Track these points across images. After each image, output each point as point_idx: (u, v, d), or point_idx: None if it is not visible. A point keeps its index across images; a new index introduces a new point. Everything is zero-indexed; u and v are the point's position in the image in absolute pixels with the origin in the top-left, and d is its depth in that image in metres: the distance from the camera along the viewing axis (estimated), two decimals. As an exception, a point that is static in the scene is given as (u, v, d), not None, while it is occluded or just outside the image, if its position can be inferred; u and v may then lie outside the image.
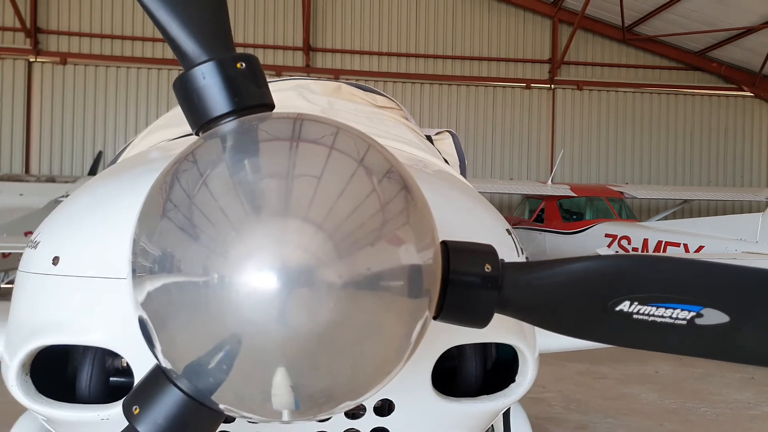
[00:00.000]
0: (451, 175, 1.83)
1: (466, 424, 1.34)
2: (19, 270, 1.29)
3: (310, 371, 0.80)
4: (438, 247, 0.89)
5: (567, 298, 0.99)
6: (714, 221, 9.56)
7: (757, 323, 1.00)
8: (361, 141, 0.89)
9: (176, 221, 0.79)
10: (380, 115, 2.60)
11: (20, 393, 1.18)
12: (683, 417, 6.04)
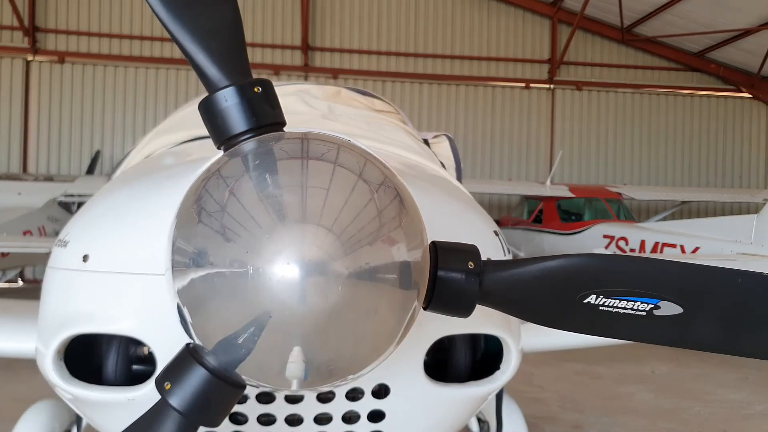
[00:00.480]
0: (443, 180, 1.90)
1: (456, 408, 1.50)
2: (49, 267, 1.42)
3: (320, 345, 0.95)
4: (426, 247, 1.04)
5: (541, 292, 1.11)
6: (710, 222, 9.57)
7: (707, 314, 1.14)
8: (360, 156, 1.04)
9: (213, 226, 0.95)
10: (378, 120, 2.65)
11: (56, 376, 1.36)
12: (677, 416, 6.07)
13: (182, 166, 1.41)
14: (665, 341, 1.16)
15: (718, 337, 1.17)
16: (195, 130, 2.41)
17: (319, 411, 1.37)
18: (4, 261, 10.06)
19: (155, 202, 1.32)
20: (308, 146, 1.02)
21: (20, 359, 5.59)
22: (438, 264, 1.06)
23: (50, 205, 11.43)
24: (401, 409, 1.39)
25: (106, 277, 1.31)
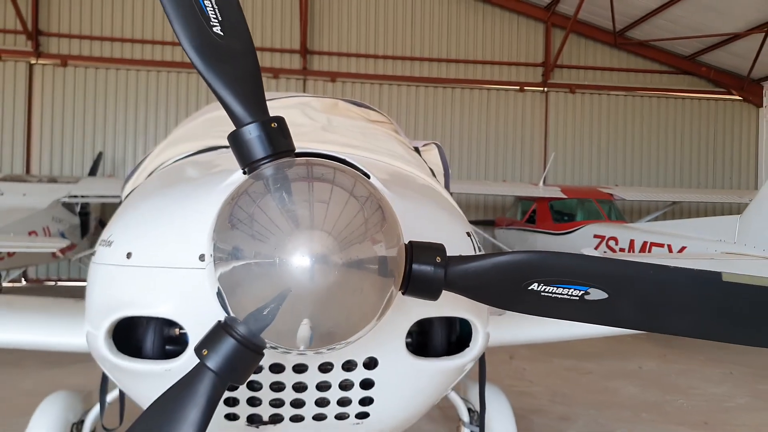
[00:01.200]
0: (426, 187, 2.15)
1: (433, 379, 1.75)
2: (94, 263, 1.64)
3: (322, 315, 1.25)
4: (402, 246, 1.34)
5: (494, 280, 1.38)
6: (696, 223, 9.75)
7: (627, 299, 1.39)
8: (351, 176, 1.34)
9: (246, 231, 1.25)
10: (373, 130, 2.90)
11: (108, 352, 1.60)
12: (660, 408, 6.30)
13: (209, 176, 1.68)
14: (594, 321, 1.42)
15: (636, 317, 1.44)
16: (207, 140, 2.67)
17: (320, 379, 1.63)
18: (10, 260, 10.17)
19: (188, 208, 1.59)
20: (312, 170, 1.32)
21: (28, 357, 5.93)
22: (413, 258, 1.35)
23: (54, 206, 11.49)
24: (387, 379, 1.66)
25: (146, 271, 1.57)
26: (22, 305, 3.85)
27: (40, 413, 3.85)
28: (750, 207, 8.28)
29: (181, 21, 1.42)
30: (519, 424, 5.40)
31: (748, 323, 1.45)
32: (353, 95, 16.64)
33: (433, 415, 5.67)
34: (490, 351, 7.14)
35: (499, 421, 4.28)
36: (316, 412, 1.66)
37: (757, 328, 1.47)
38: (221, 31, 1.41)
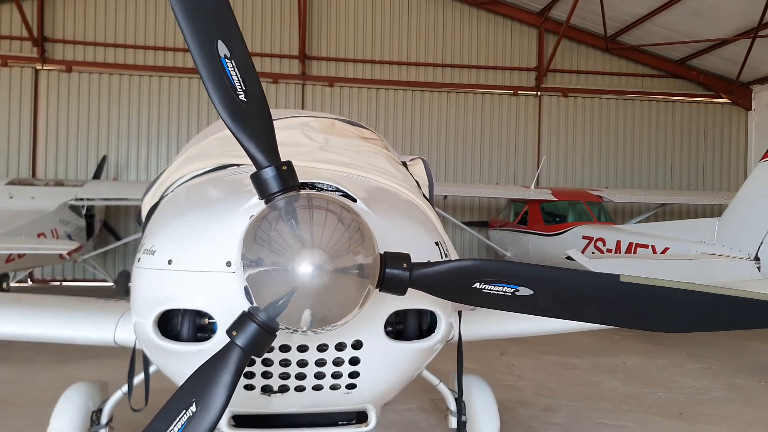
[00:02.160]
0: (406, 202, 2.54)
1: (406, 357, 2.16)
2: (140, 267, 2.02)
3: (319, 304, 1.67)
4: (377, 256, 1.76)
5: (448, 280, 1.80)
6: (678, 225, 10.11)
7: (548, 294, 1.82)
8: (340, 206, 1.76)
9: (267, 246, 1.67)
10: (365, 149, 3.28)
11: (155, 337, 1.99)
12: (639, 400, 6.64)
13: (231, 198, 2.07)
14: (523, 311, 1.84)
15: (555, 308, 1.88)
16: (219, 159, 3.05)
17: (317, 357, 2.04)
18: (20, 261, 10.42)
19: (216, 225, 1.99)
20: (311, 201, 1.74)
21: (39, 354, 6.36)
22: (385, 265, 1.78)
23: (62, 209, 11.80)
24: (370, 357, 2.07)
25: (184, 274, 1.97)
26: (48, 303, 4.24)
27: (63, 402, 4.24)
28: (727, 210, 8.67)
29: (216, 92, 1.79)
30: (505, 414, 5.81)
31: (640, 313, 1.86)
32: (350, 99, 17.03)
33: (425, 407, 6.05)
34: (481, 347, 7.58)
35: (483, 408, 4.66)
36: (314, 384, 2.06)
37: (647, 316, 1.87)
38: (245, 98, 1.80)
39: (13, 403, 6.03)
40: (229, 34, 1.81)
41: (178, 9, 1.76)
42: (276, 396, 2.05)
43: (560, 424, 5.77)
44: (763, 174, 8.12)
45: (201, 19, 1.78)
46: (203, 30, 1.77)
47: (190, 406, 1.67)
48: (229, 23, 1.83)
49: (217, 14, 1.82)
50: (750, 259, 8.05)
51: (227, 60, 1.78)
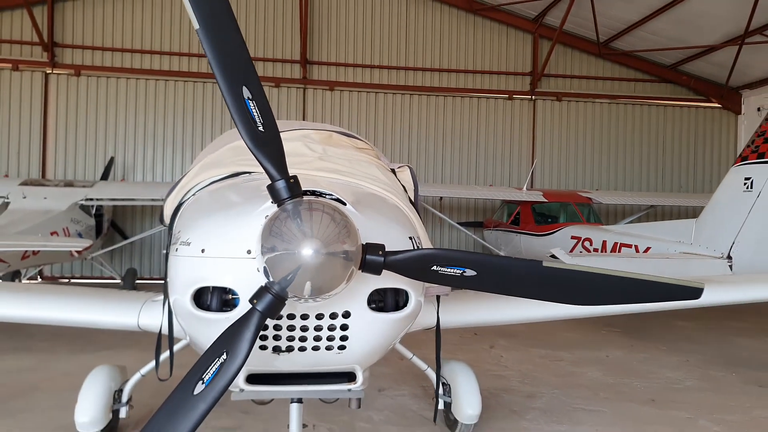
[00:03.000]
0: (390, 204, 3.04)
1: (385, 326, 2.67)
2: (177, 256, 2.53)
3: (316, 279, 2.19)
4: (360, 246, 2.25)
5: (413, 264, 2.32)
6: (660, 226, 10.57)
7: (487, 275, 2.35)
8: (333, 209, 2.23)
9: (280, 238, 2.18)
10: (358, 158, 3.79)
11: (192, 308, 2.48)
12: (616, 389, 7.06)
13: (249, 201, 2.58)
14: (469, 287, 2.38)
15: (493, 286, 2.44)
16: (233, 167, 3.55)
17: (316, 323, 2.56)
18: (35, 258, 10.82)
19: (238, 222, 2.51)
20: (311, 205, 2.26)
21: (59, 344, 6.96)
22: (366, 252, 2.31)
23: (72, 209, 12.18)
24: (357, 324, 2.59)
25: (214, 260, 2.48)
26: (78, 293, 4.76)
27: (88, 382, 4.77)
28: (703, 212, 9.17)
29: (242, 125, 2.30)
30: (490, 400, 6.35)
31: (560, 290, 2.39)
32: (350, 103, 17.47)
33: (416, 393, 6.53)
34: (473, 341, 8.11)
35: (466, 391, 5.20)
36: (313, 345, 2.58)
37: (565, 293, 2.39)
38: (262, 129, 2.30)
39: (39, 387, 6.53)
40: (251, 82, 2.31)
41: (215, 64, 2.26)
42: (283, 355, 2.55)
43: (540, 408, 6.24)
44: (735, 178, 8.62)
45: (231, 71, 2.29)
46: (233, 79, 2.28)
47: (222, 354, 2.19)
48: (251, 73, 2.34)
49: (242, 67, 2.33)
50: (723, 258, 8.55)
51: (250, 101, 2.29)
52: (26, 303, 4.43)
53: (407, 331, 2.93)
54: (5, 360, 7.71)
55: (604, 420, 5.95)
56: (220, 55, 2.27)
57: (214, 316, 2.49)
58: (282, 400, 3.29)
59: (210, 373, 2.18)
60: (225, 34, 2.31)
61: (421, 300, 2.68)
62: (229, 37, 2.31)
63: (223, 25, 2.29)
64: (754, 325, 11.88)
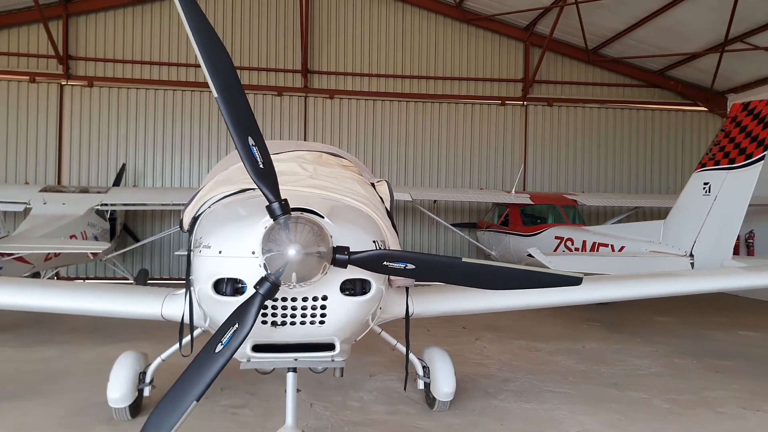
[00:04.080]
0: (362, 215, 3.83)
1: (353, 307, 3.44)
2: (201, 256, 3.32)
3: (300, 271, 3.07)
4: (331, 248, 3.05)
5: (371, 261, 3.14)
6: (633, 227, 11.34)
7: (423, 268, 3.17)
8: (311, 221, 3.03)
9: (275, 242, 3.02)
10: (342, 174, 4.59)
11: (212, 294, 3.23)
12: (585, 375, 7.74)
13: (254, 214, 3.35)
14: (410, 276, 3.17)
15: (427, 275, 3.22)
16: (240, 184, 4.34)
17: (302, 304, 3.35)
18: (56, 260, 11.56)
19: (246, 230, 3.27)
20: (297, 219, 3.07)
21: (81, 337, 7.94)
22: (335, 252, 3.08)
23: (89, 213, 12.86)
24: (332, 305, 3.37)
25: (228, 258, 3.27)
26: (107, 287, 5.59)
27: (117, 364, 5.59)
28: (670, 214, 9.93)
29: (248, 164, 3.09)
30: (468, 383, 7.12)
31: (475, 278, 3.21)
32: (349, 110, 18.22)
33: (402, 377, 7.25)
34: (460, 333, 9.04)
35: (442, 372, 6.01)
36: (301, 320, 3.38)
37: (478, 280, 3.21)
38: (262, 166, 3.10)
39: (66, 373, 7.35)
40: (254, 133, 3.11)
41: (229, 121, 3.05)
42: (279, 328, 3.35)
43: (512, 390, 6.98)
44: (695, 183, 9.39)
45: (240, 127, 3.09)
46: (242, 132, 3.07)
47: (234, 325, 2.99)
48: (254, 127, 3.12)
49: (249, 123, 3.12)
50: (686, 255, 9.32)
51: (254, 147, 3.08)
52: (67, 296, 5.26)
53: (383, 321, 3.75)
54: (33, 350, 8.53)
55: (568, 399, 6.68)
56: (233, 116, 3.07)
57: (229, 299, 3.29)
58: (281, 377, 4.07)
59: (226, 337, 2.98)
60: (236, 100, 3.11)
61: (382, 288, 3.47)
62: (239, 101, 3.11)
63: (235, 94, 3.09)
64: (730, 321, 12.50)
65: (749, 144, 8.81)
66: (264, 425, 5.58)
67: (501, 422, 5.86)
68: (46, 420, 5.67)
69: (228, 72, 3.10)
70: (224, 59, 3.11)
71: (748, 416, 6.21)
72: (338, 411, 6.07)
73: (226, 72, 3.08)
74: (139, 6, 17.47)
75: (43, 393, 6.51)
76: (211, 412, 5.91)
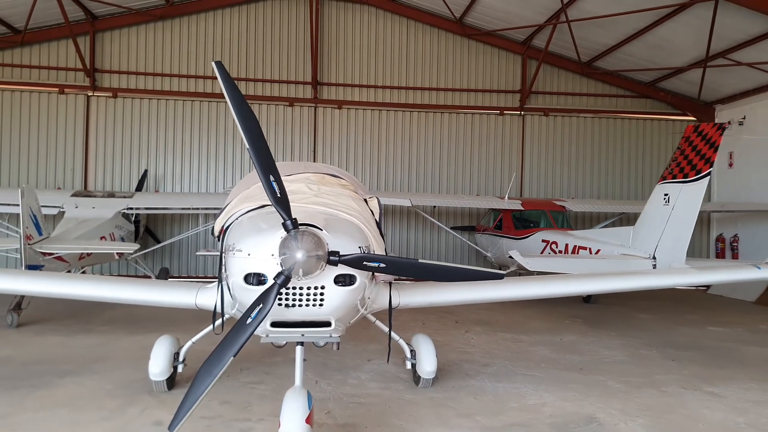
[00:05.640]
0: (354, 226, 4.99)
1: (344, 294, 4.57)
2: (234, 257, 4.50)
3: (305, 267, 4.14)
4: (326, 252, 4.21)
5: (354, 261, 4.32)
6: (608, 232, 12.40)
7: (393, 267, 4.41)
8: (312, 233, 4.19)
9: (289, 248, 4.10)
10: (340, 192, 5.76)
11: (243, 284, 4.41)
12: (556, 362, 8.76)
13: (274, 227, 4.46)
14: (383, 272, 4.35)
15: (394, 272, 4.47)
16: (260, 201, 5.49)
17: (307, 292, 4.45)
18: (88, 259, 12.47)
19: (267, 239, 4.38)
20: (304, 231, 4.19)
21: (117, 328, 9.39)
22: (329, 255, 4.20)
23: (116, 216, 13.92)
24: (329, 293, 4.47)
25: (255, 259, 4.38)
26: (146, 281, 6.80)
27: (157, 345, 6.79)
28: (638, 221, 11.04)
29: (269, 194, 4.19)
30: (451, 366, 8.27)
31: (427, 274, 4.39)
32: (356, 120, 19.32)
33: (395, 362, 8.36)
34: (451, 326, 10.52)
35: (426, 354, 7.17)
36: (306, 303, 4.48)
37: (430, 275, 4.40)
38: (279, 195, 4.22)
39: (109, 356, 8.56)
40: (274, 172, 4.25)
41: (257, 163, 4.15)
42: (290, 309, 4.48)
43: (489, 373, 8.09)
44: (657, 194, 10.50)
45: (265, 167, 4.22)
46: (266, 171, 4.22)
47: (259, 305, 4.13)
48: (274, 167, 4.25)
49: (271, 164, 4.24)
50: (650, 257, 10.42)
51: (274, 182, 4.24)
52: (122, 289, 6.47)
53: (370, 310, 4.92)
54: (78, 338, 9.77)
55: (535, 381, 7.79)
56: (260, 160, 4.21)
57: (255, 287, 4.41)
58: (289, 361, 5.22)
59: (253, 314, 4.14)
60: (261, 149, 4.25)
61: (365, 281, 4.62)
62: (263, 150, 4.26)
63: (260, 145, 4.25)
64: (704, 318, 13.45)
65: (699, 161, 9.93)
66: (277, 396, 6.69)
67: (474, 396, 7.00)
68: (98, 391, 6.88)
69: (256, 129, 4.26)
70: (253, 120, 4.27)
71: (685, 394, 7.31)
72: (339, 387, 7.23)
73: (255, 129, 4.25)
74: (159, 22, 18.63)
75: (93, 371, 7.73)
76: (233, 387, 7.08)
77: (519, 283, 7.60)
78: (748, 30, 15.16)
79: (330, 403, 6.60)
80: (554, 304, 14.19)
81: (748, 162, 18.52)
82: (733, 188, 19.18)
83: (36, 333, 10.14)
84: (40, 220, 10.63)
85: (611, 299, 15.43)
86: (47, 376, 7.39)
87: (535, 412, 6.49)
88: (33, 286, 6.45)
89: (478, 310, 13.14)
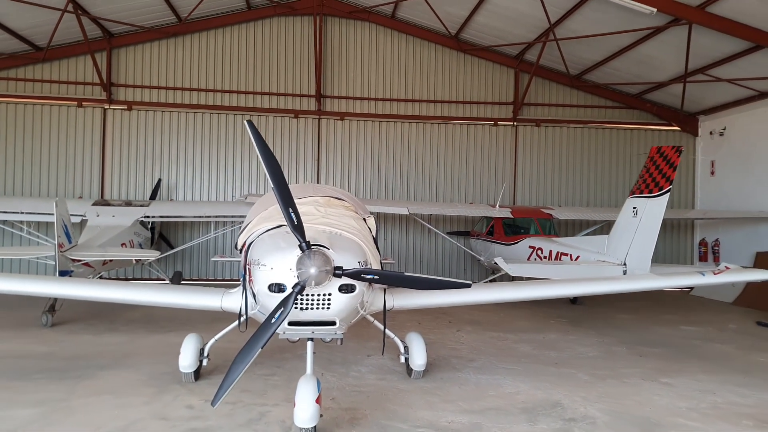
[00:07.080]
0: (355, 244, 6.08)
1: (346, 299, 5.60)
2: (258, 270, 5.58)
3: (316, 279, 5.13)
4: (333, 267, 5.26)
5: (354, 274, 5.38)
6: (587, 240, 13.39)
7: (384, 279, 5.51)
8: (322, 252, 5.24)
9: (304, 265, 5.12)
10: (343, 213, 6.84)
11: (267, 291, 5.49)
12: (536, 357, 9.72)
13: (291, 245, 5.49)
14: (377, 283, 5.44)
15: (386, 282, 5.59)
16: (278, 221, 6.53)
17: (317, 298, 5.45)
18: (110, 264, 13.36)
19: (286, 255, 5.39)
20: (316, 250, 5.20)
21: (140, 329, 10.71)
22: (335, 269, 5.19)
23: (135, 224, 14.85)
24: (335, 298, 5.49)
25: (276, 271, 5.40)
26: (174, 286, 7.89)
27: (186, 341, 7.87)
28: (611, 230, 12.11)
29: (288, 221, 5.22)
30: (441, 361, 9.33)
31: (409, 283, 5.53)
32: (358, 131, 20.33)
33: (392, 357, 9.43)
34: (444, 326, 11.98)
35: (417, 350, 8.25)
36: (317, 306, 5.48)
37: (411, 284, 5.56)
38: (296, 222, 5.28)
39: (137, 352, 9.64)
40: (292, 205, 5.31)
41: (279, 198, 5.18)
42: (304, 311, 5.50)
43: (474, 367, 9.14)
44: (628, 206, 11.57)
45: (286, 202, 5.24)
46: (286, 205, 5.27)
47: (281, 308, 5.19)
48: (293, 201, 5.29)
49: (290, 199, 5.26)
50: (621, 264, 11.48)
51: (292, 213, 5.30)
52: (155, 293, 7.55)
53: (369, 312, 6.00)
54: (105, 337, 10.84)
55: (514, 373, 8.82)
56: (282, 197, 5.23)
57: (277, 294, 5.41)
58: (299, 357, 6.26)
59: (275, 316, 5.21)
60: (284, 190, 5.28)
61: (363, 289, 5.69)
62: (285, 190, 5.29)
63: (284, 186, 5.32)
64: (680, 318, 14.41)
65: (661, 179, 11.01)
66: (288, 386, 7.81)
67: (459, 386, 8.06)
68: (133, 381, 7.96)
69: (280, 175, 5.30)
70: (276, 165, 5.31)
71: (643, 384, 8.36)
72: (342, 378, 8.31)
73: (279, 175, 5.30)
74: (172, 39, 19.69)
75: (125, 365, 8.81)
76: (250, 378, 8.15)
77: (482, 289, 8.83)
78: (724, 49, 16.21)
79: (334, 391, 7.67)
80: (542, 305, 15.20)
81: (729, 171, 19.59)
82: (714, 195, 20.23)
83: (69, 332, 11.20)
84: (69, 229, 11.61)
85: (597, 300, 16.37)
86: (89, 369, 8.47)
87: (509, 398, 7.55)
88: (87, 292, 7.46)
89: (472, 311, 14.11)
